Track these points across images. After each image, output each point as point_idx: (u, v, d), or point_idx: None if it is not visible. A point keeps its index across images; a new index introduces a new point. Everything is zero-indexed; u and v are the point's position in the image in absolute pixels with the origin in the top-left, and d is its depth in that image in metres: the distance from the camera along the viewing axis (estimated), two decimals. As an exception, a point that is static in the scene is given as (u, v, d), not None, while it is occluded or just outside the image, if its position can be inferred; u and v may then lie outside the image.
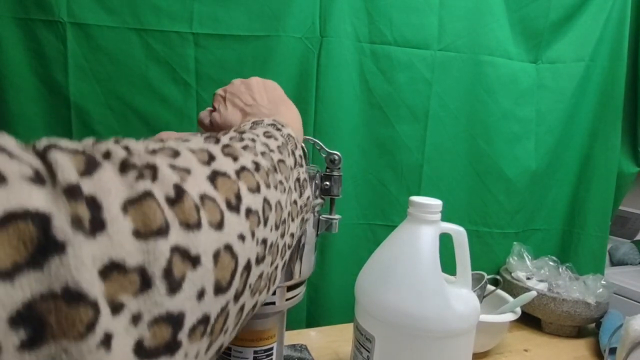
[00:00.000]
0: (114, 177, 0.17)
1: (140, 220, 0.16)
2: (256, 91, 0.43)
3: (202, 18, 0.73)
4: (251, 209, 0.24)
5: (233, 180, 0.23)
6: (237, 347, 0.47)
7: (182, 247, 0.18)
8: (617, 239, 1.28)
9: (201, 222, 0.19)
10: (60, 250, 0.14)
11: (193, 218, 0.19)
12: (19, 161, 0.14)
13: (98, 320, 0.14)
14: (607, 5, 0.92)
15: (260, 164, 0.27)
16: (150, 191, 0.17)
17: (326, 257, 0.85)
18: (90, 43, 0.70)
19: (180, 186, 0.19)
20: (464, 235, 0.52)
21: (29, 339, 0.13)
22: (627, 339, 0.63)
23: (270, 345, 0.48)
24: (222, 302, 0.21)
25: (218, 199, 0.21)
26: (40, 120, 0.70)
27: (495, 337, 0.75)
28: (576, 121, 0.96)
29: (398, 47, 0.82)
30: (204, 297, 0.19)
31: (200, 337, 0.19)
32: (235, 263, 0.21)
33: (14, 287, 0.12)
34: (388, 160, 0.87)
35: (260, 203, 0.25)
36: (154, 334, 0.16)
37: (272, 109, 0.42)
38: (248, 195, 0.24)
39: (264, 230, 0.25)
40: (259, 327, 0.47)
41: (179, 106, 0.75)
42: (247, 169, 0.25)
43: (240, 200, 0.23)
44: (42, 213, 0.13)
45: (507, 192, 0.94)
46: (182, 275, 0.18)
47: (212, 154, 0.23)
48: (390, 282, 0.51)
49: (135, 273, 0.16)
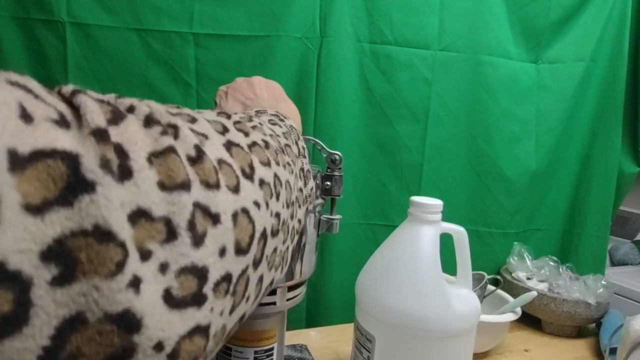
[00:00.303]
0: (140, 129, 0.17)
1: (165, 173, 0.17)
2: (257, 88, 0.44)
3: (202, 18, 0.73)
4: (264, 180, 0.24)
5: (246, 152, 0.24)
6: (238, 347, 0.47)
7: (203, 203, 0.18)
8: (618, 239, 1.28)
9: (220, 183, 0.20)
10: (90, 189, 0.13)
11: (212, 178, 0.19)
12: (45, 103, 0.14)
13: (127, 262, 0.14)
14: (607, 5, 0.92)
15: (269, 142, 0.28)
16: (174, 147, 0.18)
17: (326, 257, 0.85)
18: (90, 43, 0.70)
19: (200, 147, 0.19)
20: (465, 235, 0.52)
21: (60, 275, 0.13)
22: (627, 339, 0.63)
23: (271, 345, 0.48)
24: (243, 264, 0.21)
25: (234, 165, 0.22)
26: (40, 120, 0.70)
27: (495, 337, 0.75)
28: (576, 121, 0.96)
29: (398, 47, 0.82)
30: (225, 254, 0.19)
31: (224, 295, 0.19)
32: (252, 227, 0.22)
33: (44, 222, 0.12)
34: (388, 160, 0.86)
35: (272, 177, 0.26)
36: (181, 284, 0.16)
37: (272, 105, 0.42)
38: (260, 167, 0.24)
39: (276, 203, 0.26)
40: (260, 327, 0.47)
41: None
42: (257, 144, 0.26)
43: (253, 170, 0.23)
44: (71, 152, 0.13)
45: (507, 192, 0.94)
46: (205, 230, 0.18)
47: (226, 126, 0.24)
48: (391, 282, 0.51)
49: (161, 223, 0.16)
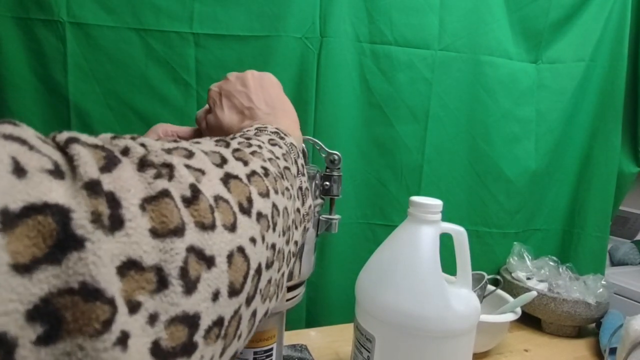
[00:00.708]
0: (133, 174, 0.17)
1: (158, 219, 0.16)
2: (253, 91, 0.42)
3: (202, 18, 0.73)
4: (262, 213, 0.24)
5: (245, 184, 0.23)
6: None
7: (198, 247, 0.18)
8: (617, 239, 1.28)
9: (215, 223, 0.19)
10: (79, 246, 0.13)
11: (208, 219, 0.19)
12: (39, 154, 0.14)
13: (115, 318, 0.14)
14: (607, 5, 0.92)
15: (268, 169, 0.27)
16: (168, 190, 0.17)
17: (326, 257, 0.85)
18: (89, 43, 0.70)
19: (196, 186, 0.19)
20: (464, 235, 0.52)
21: (45, 334, 0.13)
22: (627, 339, 0.63)
23: (270, 346, 0.48)
24: (236, 304, 0.21)
25: (231, 201, 0.21)
26: (39, 120, 0.70)
27: (495, 337, 0.75)
28: (576, 121, 0.96)
29: (398, 47, 0.82)
30: (218, 298, 0.19)
31: (215, 340, 0.19)
32: (247, 266, 0.21)
33: (32, 282, 0.12)
34: (388, 160, 0.86)
35: (270, 208, 0.25)
36: (171, 335, 0.16)
37: (270, 113, 0.41)
38: (259, 199, 0.24)
39: (272, 235, 0.25)
40: (258, 328, 0.47)
41: (179, 106, 0.75)
42: (257, 173, 0.25)
43: (251, 204, 0.23)
44: (62, 207, 0.13)
45: (507, 192, 0.94)
46: (198, 275, 0.17)
47: (224, 157, 0.23)
48: (390, 282, 0.51)
49: (152, 272, 0.16)
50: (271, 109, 0.42)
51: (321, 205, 0.50)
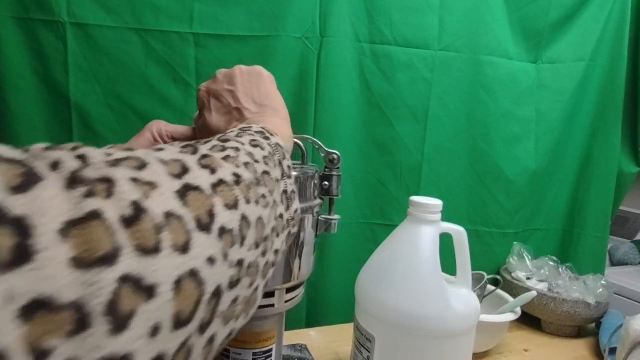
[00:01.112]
0: (58, 193, 0.15)
1: (83, 245, 0.14)
2: (240, 89, 0.40)
3: (202, 18, 0.73)
4: (226, 228, 0.22)
5: (207, 196, 0.21)
6: (236, 349, 0.47)
7: (135, 275, 0.16)
8: (617, 239, 1.28)
9: (161, 245, 0.17)
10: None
11: (151, 241, 0.17)
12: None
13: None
14: (607, 5, 0.92)
15: (241, 176, 0.25)
16: (100, 210, 0.15)
17: (326, 257, 0.85)
18: (90, 43, 0.70)
19: (139, 204, 0.17)
20: (464, 235, 0.52)
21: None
22: (627, 339, 0.63)
23: (270, 347, 0.48)
24: (183, 336, 0.18)
25: (186, 217, 0.19)
26: (40, 120, 0.70)
27: (495, 337, 0.75)
28: (576, 121, 0.96)
29: (398, 47, 0.82)
30: (159, 333, 0.16)
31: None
32: (201, 290, 0.19)
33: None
34: (388, 160, 0.87)
35: (238, 221, 0.23)
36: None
37: (258, 112, 0.39)
38: (224, 212, 0.22)
39: (240, 250, 0.23)
40: (258, 329, 0.47)
41: (179, 106, 0.75)
42: (225, 182, 0.23)
43: (213, 218, 0.21)
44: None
45: (507, 192, 0.94)
46: (132, 309, 0.15)
47: (187, 166, 0.21)
48: (390, 282, 0.51)
49: (70, 310, 0.13)
50: (260, 107, 0.40)
51: (320, 205, 0.50)
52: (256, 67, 0.42)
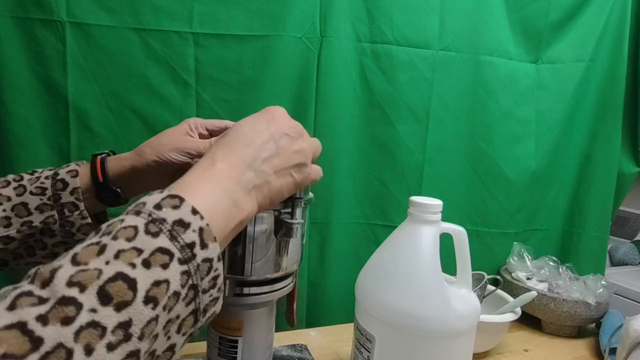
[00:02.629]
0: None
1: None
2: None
3: (202, 18, 0.73)
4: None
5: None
6: (225, 335, 0.48)
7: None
8: (617, 239, 1.28)
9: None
10: None
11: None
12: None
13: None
14: (607, 5, 0.92)
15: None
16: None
17: (326, 257, 0.85)
18: (89, 42, 0.70)
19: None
20: (464, 235, 0.52)
21: None
22: (627, 339, 0.63)
23: (235, 337, 0.48)
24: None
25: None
26: (38, 120, 0.70)
27: (495, 337, 0.75)
28: (576, 121, 0.96)
29: (399, 46, 0.82)
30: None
31: None
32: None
33: None
34: (388, 161, 0.86)
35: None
36: None
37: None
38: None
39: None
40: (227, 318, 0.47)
41: (178, 106, 0.74)
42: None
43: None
44: None
45: (507, 192, 0.94)
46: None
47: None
48: (390, 282, 0.50)
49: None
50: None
51: (311, 200, 0.49)
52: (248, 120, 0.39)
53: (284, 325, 0.57)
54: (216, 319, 0.47)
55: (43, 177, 0.48)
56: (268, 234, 0.45)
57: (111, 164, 0.50)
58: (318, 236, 0.84)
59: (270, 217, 0.45)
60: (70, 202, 0.47)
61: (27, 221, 0.46)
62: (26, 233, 0.46)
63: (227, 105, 0.76)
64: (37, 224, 0.47)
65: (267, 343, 0.51)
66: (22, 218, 0.46)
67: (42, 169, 0.50)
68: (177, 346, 0.27)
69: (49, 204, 0.47)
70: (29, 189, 0.47)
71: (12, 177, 0.48)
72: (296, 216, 0.45)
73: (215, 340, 0.48)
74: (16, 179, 0.48)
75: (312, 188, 0.50)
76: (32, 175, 0.48)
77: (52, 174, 0.48)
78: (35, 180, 0.47)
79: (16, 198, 0.46)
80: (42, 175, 0.48)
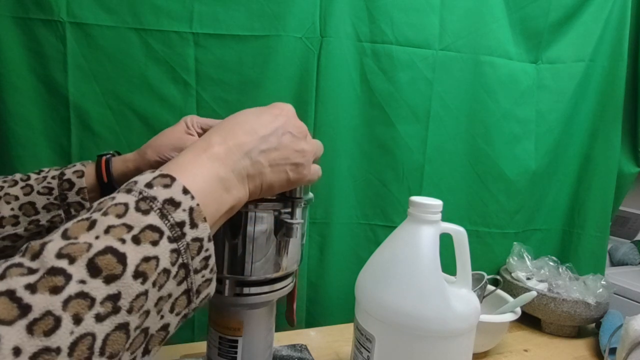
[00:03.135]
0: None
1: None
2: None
3: (202, 18, 0.73)
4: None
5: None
6: (225, 335, 0.48)
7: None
8: (617, 239, 1.28)
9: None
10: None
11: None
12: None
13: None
14: (607, 5, 0.92)
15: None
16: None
17: (326, 257, 0.85)
18: (89, 43, 0.70)
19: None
20: (464, 235, 0.52)
21: None
22: (627, 339, 0.63)
23: (235, 337, 0.48)
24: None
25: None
26: (39, 120, 0.70)
27: (495, 337, 0.75)
28: (576, 121, 0.96)
29: (399, 46, 0.82)
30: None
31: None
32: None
33: None
34: (389, 161, 0.86)
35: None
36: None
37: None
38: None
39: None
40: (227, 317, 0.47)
41: (178, 106, 0.75)
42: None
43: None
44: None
45: (507, 192, 0.94)
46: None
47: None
48: (390, 282, 0.50)
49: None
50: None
51: (311, 199, 0.49)
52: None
53: (284, 325, 0.57)
54: (216, 319, 0.47)
55: (50, 177, 0.49)
56: (268, 234, 0.45)
57: (116, 165, 0.51)
58: (318, 236, 0.84)
59: (270, 217, 0.45)
60: (76, 201, 0.49)
61: (35, 220, 0.48)
62: (33, 231, 0.48)
63: (227, 105, 0.76)
64: (44, 222, 0.48)
65: (267, 343, 0.51)
66: (30, 217, 0.47)
67: (48, 168, 0.51)
68: (171, 326, 0.28)
69: (55, 203, 0.48)
70: (36, 189, 0.48)
71: (20, 177, 0.49)
72: (296, 216, 0.45)
73: (215, 340, 0.49)
74: (23, 178, 0.49)
75: (312, 188, 0.50)
76: (38, 175, 0.49)
77: (58, 174, 0.49)
78: (42, 180, 0.49)
79: (24, 197, 0.47)
80: (49, 175, 0.49)
